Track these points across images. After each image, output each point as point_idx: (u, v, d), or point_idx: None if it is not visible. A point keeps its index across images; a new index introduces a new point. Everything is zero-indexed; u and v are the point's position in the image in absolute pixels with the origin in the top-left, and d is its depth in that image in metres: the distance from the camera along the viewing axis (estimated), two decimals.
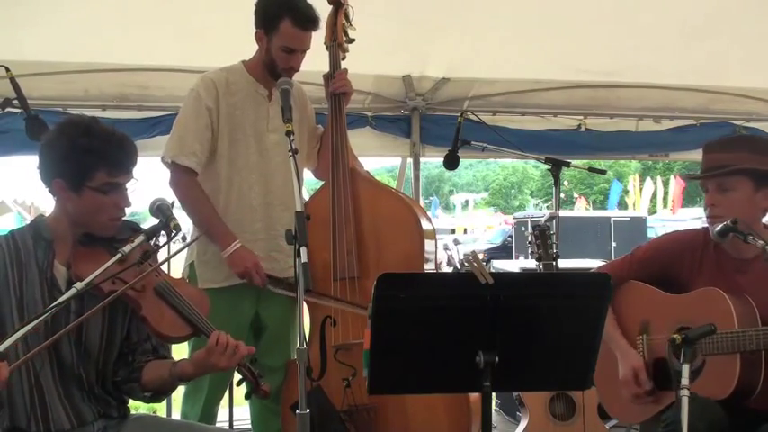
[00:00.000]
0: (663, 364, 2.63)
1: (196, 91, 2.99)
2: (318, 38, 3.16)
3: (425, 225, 3.11)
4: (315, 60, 3.12)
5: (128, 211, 2.24)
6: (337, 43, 3.19)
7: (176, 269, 3.28)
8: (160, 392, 2.26)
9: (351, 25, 3.21)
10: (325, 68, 3.23)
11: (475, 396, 2.79)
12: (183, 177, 2.96)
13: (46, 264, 2.14)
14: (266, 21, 2.95)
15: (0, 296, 2.07)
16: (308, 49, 2.99)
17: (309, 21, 2.92)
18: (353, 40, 3.22)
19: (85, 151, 2.09)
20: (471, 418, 2.89)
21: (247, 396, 2.35)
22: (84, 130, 2.12)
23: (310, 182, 3.61)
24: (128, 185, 2.19)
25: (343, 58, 3.23)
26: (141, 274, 2.10)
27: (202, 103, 2.96)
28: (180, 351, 2.58)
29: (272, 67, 2.98)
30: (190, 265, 3.07)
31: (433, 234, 3.16)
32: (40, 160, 2.17)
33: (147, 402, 2.34)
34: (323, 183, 3.24)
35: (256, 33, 2.99)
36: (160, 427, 2.35)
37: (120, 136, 2.18)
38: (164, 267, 2.34)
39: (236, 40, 3.43)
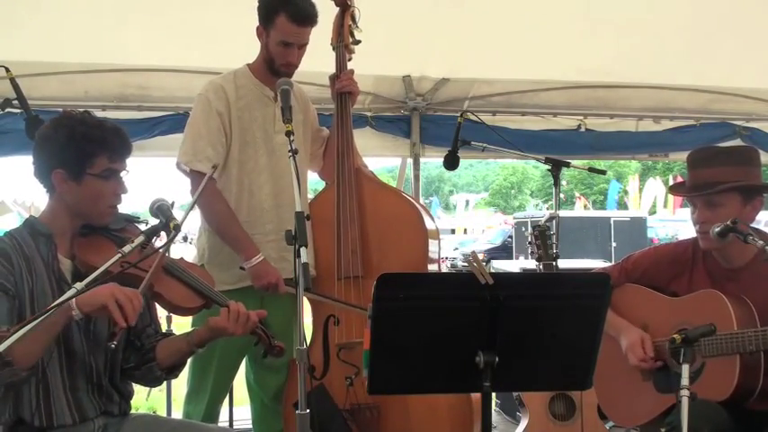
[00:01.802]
0: (662, 366, 2.63)
1: (205, 96, 2.99)
2: (324, 38, 3.17)
3: (429, 225, 3.12)
4: (320, 60, 3.13)
5: (127, 210, 2.28)
6: (344, 44, 3.21)
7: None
8: (174, 367, 2.32)
9: (357, 27, 3.22)
10: (330, 69, 3.24)
11: (477, 395, 2.79)
12: (199, 183, 2.94)
13: (50, 257, 2.16)
14: (265, 16, 2.97)
15: (18, 288, 2.08)
16: (305, 44, 2.99)
17: (305, 16, 2.92)
18: (360, 42, 3.24)
19: (86, 138, 2.14)
20: (473, 418, 2.89)
21: (264, 356, 2.41)
22: (81, 121, 2.18)
23: (314, 182, 3.61)
24: (122, 174, 2.24)
25: (350, 59, 3.24)
26: (145, 257, 2.12)
27: (212, 107, 2.97)
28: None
29: (271, 62, 2.99)
30: (200, 267, 3.07)
31: (436, 234, 3.18)
32: (36, 155, 2.20)
33: (160, 383, 2.38)
34: (327, 183, 3.25)
35: (257, 28, 3.01)
36: (160, 425, 2.35)
37: (114, 125, 2.25)
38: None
39: (236, 40, 3.44)
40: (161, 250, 2.19)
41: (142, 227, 2.30)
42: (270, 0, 2.95)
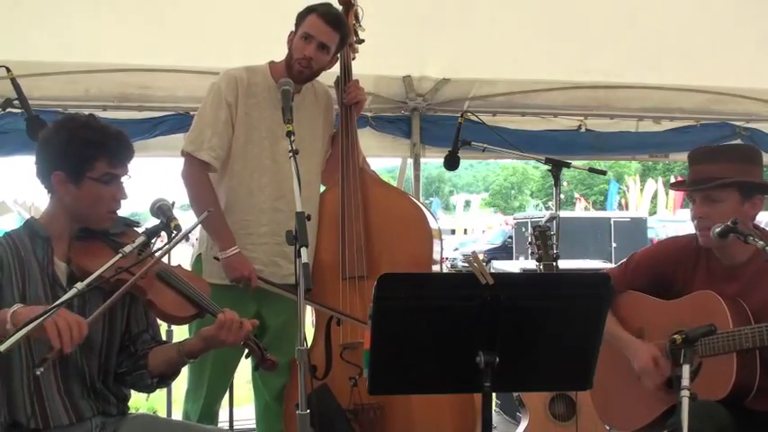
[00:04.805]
0: None
1: (218, 85, 3.03)
2: None
3: (433, 225, 3.13)
4: None
5: (127, 209, 2.27)
6: (347, 43, 3.21)
7: (184, 262, 3.27)
8: (166, 376, 2.31)
9: (360, 26, 3.24)
10: (336, 67, 3.24)
11: (479, 395, 2.80)
12: (195, 171, 2.98)
13: (46, 260, 2.15)
14: (298, 20, 3.02)
15: (3, 293, 2.08)
16: (326, 43, 2.99)
17: (333, 16, 2.98)
18: (363, 41, 3.25)
19: (86, 142, 2.14)
20: (476, 417, 2.89)
21: (255, 368, 2.40)
22: (84, 124, 2.19)
23: None
24: (122, 179, 2.23)
25: (354, 58, 3.24)
26: (141, 263, 2.11)
27: (222, 97, 2.99)
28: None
29: (290, 58, 3.02)
30: (197, 257, 3.10)
31: (439, 234, 3.18)
32: (37, 155, 2.20)
33: (153, 390, 2.36)
34: (332, 184, 3.25)
35: (288, 34, 3.04)
36: (158, 426, 2.35)
37: (117, 130, 2.24)
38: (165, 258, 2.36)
39: (236, 40, 3.44)
40: (156, 255, 2.15)
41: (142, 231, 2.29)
42: (305, 9, 3.01)
